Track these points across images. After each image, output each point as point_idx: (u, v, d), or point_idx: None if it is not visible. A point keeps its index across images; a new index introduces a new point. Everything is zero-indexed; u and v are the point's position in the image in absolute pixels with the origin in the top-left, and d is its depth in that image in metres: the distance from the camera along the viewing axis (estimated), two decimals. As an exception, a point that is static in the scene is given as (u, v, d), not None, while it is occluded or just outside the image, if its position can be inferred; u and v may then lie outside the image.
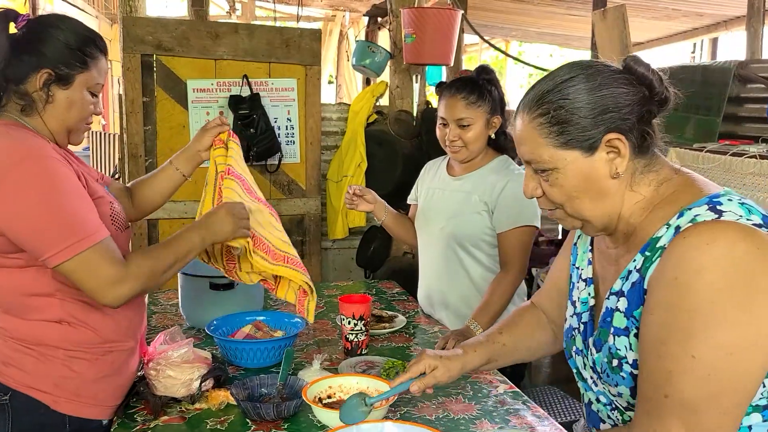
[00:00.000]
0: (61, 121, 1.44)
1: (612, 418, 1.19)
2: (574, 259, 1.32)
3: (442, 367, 1.39)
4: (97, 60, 1.46)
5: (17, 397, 1.41)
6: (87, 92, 1.46)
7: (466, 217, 2.14)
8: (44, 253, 1.32)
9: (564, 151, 1.08)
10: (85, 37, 1.45)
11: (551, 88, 1.09)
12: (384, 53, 4.04)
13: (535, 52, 16.21)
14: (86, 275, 1.34)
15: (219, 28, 3.68)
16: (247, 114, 3.61)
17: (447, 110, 2.11)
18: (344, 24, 9.41)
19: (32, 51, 1.39)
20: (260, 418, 1.47)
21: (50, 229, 1.31)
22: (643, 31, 6.99)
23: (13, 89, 1.40)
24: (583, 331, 1.22)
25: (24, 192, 1.30)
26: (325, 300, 2.47)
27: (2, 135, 1.35)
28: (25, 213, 1.30)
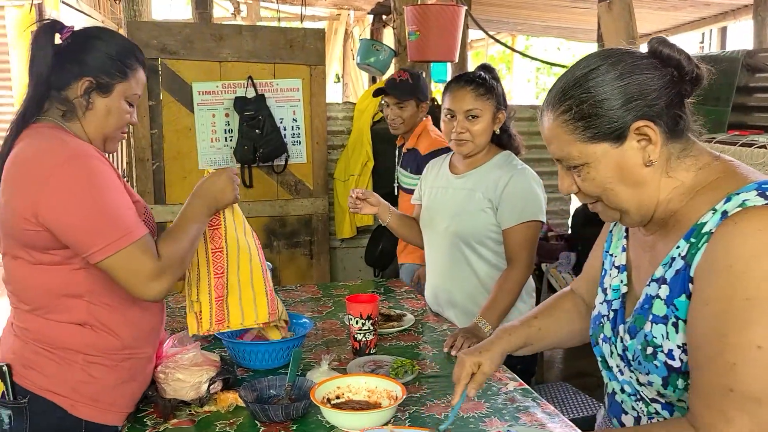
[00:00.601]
0: (99, 127, 1.50)
1: (636, 409, 1.17)
2: (608, 246, 1.30)
3: (487, 360, 1.40)
4: (135, 71, 1.53)
5: (36, 401, 1.43)
6: (124, 101, 1.52)
7: (470, 214, 2.13)
8: (89, 248, 1.36)
9: (592, 145, 1.07)
10: (126, 48, 1.52)
11: (572, 83, 1.08)
12: (388, 51, 4.04)
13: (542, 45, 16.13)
14: (128, 271, 1.38)
15: (223, 30, 3.69)
16: (253, 115, 3.61)
17: (455, 102, 2.09)
18: (349, 23, 9.41)
19: (76, 60, 1.46)
20: (269, 419, 1.47)
21: (96, 226, 1.36)
22: (649, 22, 6.93)
23: (55, 95, 1.47)
24: (613, 318, 1.20)
25: (71, 189, 1.35)
26: (333, 300, 2.47)
27: (47, 136, 1.42)
28: (72, 209, 1.35)
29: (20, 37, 6.75)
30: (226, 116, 3.68)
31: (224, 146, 3.71)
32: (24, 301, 1.47)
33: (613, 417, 1.24)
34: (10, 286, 1.49)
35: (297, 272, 3.92)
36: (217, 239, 1.65)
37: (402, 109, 3.02)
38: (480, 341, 1.92)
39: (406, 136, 3.10)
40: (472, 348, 1.44)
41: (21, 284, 1.47)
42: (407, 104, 3.01)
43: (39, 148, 1.40)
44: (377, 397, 1.54)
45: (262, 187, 3.80)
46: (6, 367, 1.44)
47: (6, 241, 1.45)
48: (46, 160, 1.37)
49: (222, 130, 3.70)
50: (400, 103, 3.00)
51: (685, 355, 1.04)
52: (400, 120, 3.03)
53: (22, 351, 1.46)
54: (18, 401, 1.44)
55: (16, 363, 1.45)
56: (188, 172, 3.67)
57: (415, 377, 1.71)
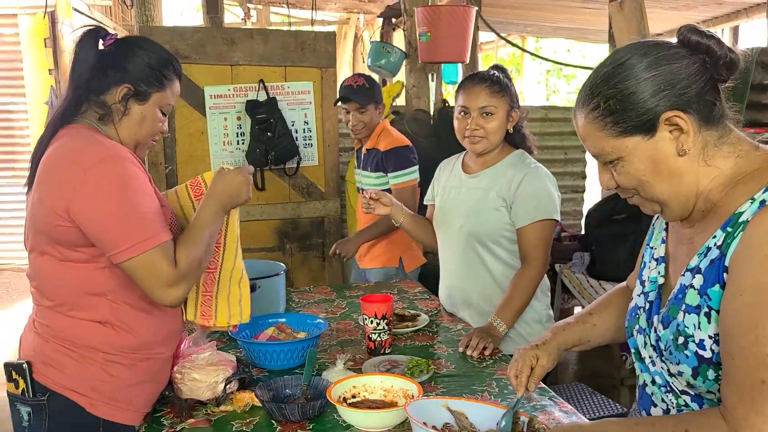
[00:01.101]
0: (133, 133, 1.54)
1: (666, 402, 1.16)
2: (649, 239, 1.30)
3: (545, 354, 1.40)
4: (172, 82, 1.57)
5: (55, 398, 1.45)
6: (158, 110, 1.57)
7: (484, 214, 2.11)
8: (115, 247, 1.39)
9: (623, 139, 1.07)
10: (165, 59, 1.56)
11: (600, 79, 1.09)
12: (399, 53, 4.04)
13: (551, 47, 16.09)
14: (148, 274, 1.41)
15: (234, 35, 3.71)
16: (265, 118, 3.62)
17: (470, 98, 2.09)
18: (359, 26, 9.43)
19: (117, 66, 1.50)
20: (285, 418, 1.47)
21: (123, 226, 1.39)
22: (661, 21, 6.89)
23: (93, 99, 1.51)
24: (648, 310, 1.20)
25: (103, 188, 1.38)
26: (347, 300, 2.47)
27: (84, 136, 1.46)
28: (103, 208, 1.38)
29: (33, 44, 6.81)
30: (237, 119, 3.69)
31: (236, 149, 3.72)
32: (48, 297, 1.49)
33: (643, 410, 1.24)
34: (35, 282, 1.51)
35: (309, 274, 3.92)
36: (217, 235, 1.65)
37: (363, 113, 3.03)
38: (495, 340, 1.92)
39: (365, 140, 3.12)
40: (532, 343, 1.44)
41: (46, 280, 1.48)
42: (367, 108, 3.03)
43: (76, 147, 1.43)
44: (393, 396, 1.53)
45: (274, 190, 3.80)
46: (26, 364, 1.45)
47: (35, 237, 1.47)
48: (83, 159, 1.40)
49: (234, 133, 3.71)
50: (361, 108, 3.02)
51: (716, 346, 1.03)
52: (362, 125, 3.05)
53: (43, 348, 1.48)
54: (37, 398, 1.45)
55: (36, 360, 1.47)
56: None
57: (430, 377, 1.71)
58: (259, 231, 3.80)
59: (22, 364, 1.45)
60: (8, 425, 1.54)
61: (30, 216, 1.47)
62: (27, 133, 6.92)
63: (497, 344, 1.94)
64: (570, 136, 4.71)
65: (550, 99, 17.28)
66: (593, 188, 4.99)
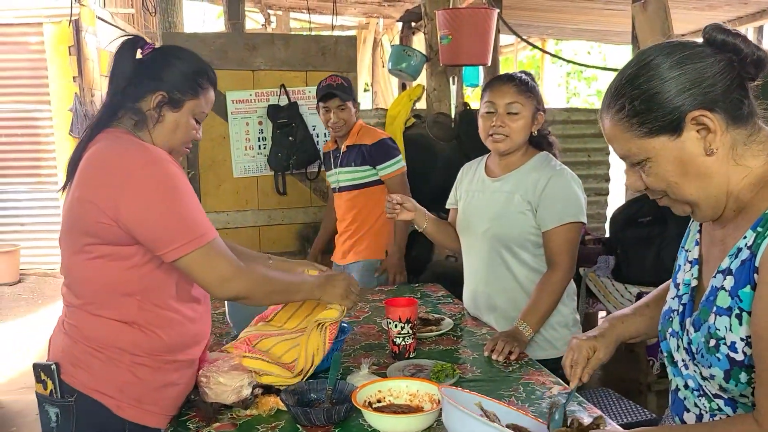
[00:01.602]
0: (166, 140, 1.57)
1: (699, 406, 1.14)
2: (684, 242, 1.28)
3: (602, 346, 1.39)
4: (206, 90, 1.60)
5: (83, 399, 1.46)
6: (192, 118, 1.60)
7: (509, 218, 2.09)
8: (167, 246, 1.42)
9: (650, 140, 1.06)
10: (200, 68, 1.60)
11: (624, 81, 1.08)
12: (420, 56, 4.02)
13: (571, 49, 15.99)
14: (204, 268, 1.46)
15: (256, 40, 3.73)
16: (286, 123, 3.64)
17: (497, 95, 2.06)
18: (378, 31, 9.44)
19: (153, 75, 1.54)
20: (311, 423, 1.46)
21: (174, 225, 1.43)
22: (684, 22, 6.82)
23: (129, 106, 1.54)
24: (681, 313, 1.18)
25: (151, 190, 1.42)
26: (369, 305, 2.46)
27: (125, 140, 1.50)
28: (153, 209, 1.42)
29: (57, 52, 6.92)
30: (259, 124, 3.71)
31: (258, 154, 3.74)
32: (78, 295, 1.51)
33: (675, 415, 1.21)
34: (67, 280, 1.53)
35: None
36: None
37: (343, 110, 3.10)
38: (521, 345, 1.90)
39: (342, 138, 3.18)
40: (589, 333, 1.43)
41: (78, 278, 1.50)
42: (347, 105, 3.11)
43: (119, 150, 1.46)
44: (419, 400, 1.52)
45: (295, 194, 3.81)
46: (55, 365, 1.47)
47: (70, 235, 1.49)
48: (128, 161, 1.43)
49: (256, 138, 3.73)
50: (342, 105, 3.09)
51: (748, 348, 1.01)
52: (343, 122, 3.11)
53: (72, 350, 1.49)
54: (65, 399, 1.47)
55: (64, 361, 1.49)
56: (222, 180, 3.71)
57: (455, 381, 1.69)
58: (281, 235, 3.81)
59: (50, 365, 1.47)
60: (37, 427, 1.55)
61: (67, 215, 1.50)
62: (52, 140, 7.02)
63: (523, 348, 1.91)
64: (593, 138, 4.65)
65: (570, 101, 17.17)
66: (617, 191, 4.94)
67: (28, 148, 7.05)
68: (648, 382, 3.18)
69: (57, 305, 6.13)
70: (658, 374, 3.21)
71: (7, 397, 4.00)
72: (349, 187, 3.21)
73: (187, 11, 5.44)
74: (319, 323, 1.68)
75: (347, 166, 3.18)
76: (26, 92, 6.97)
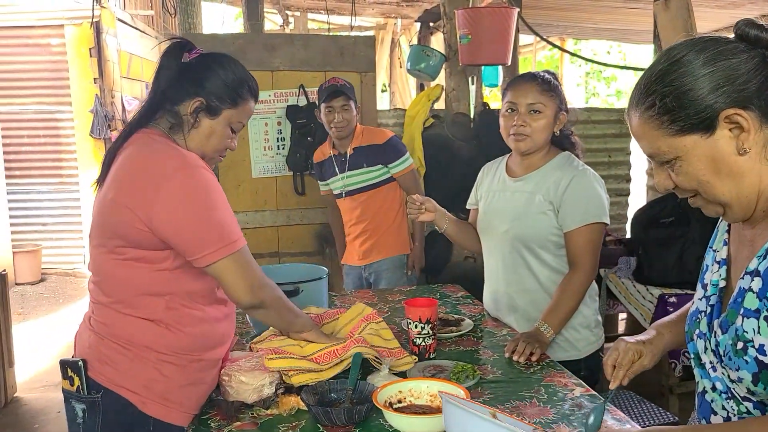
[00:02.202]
0: (200, 146, 1.58)
1: (727, 409, 1.12)
2: (712, 242, 1.25)
3: (649, 353, 1.36)
4: (246, 101, 1.61)
5: (109, 396, 1.48)
6: (228, 127, 1.60)
7: (530, 218, 2.06)
8: (200, 251, 1.44)
9: (681, 138, 1.03)
10: (242, 79, 1.60)
11: (654, 77, 1.05)
12: (439, 56, 4.01)
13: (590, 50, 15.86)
14: (235, 275, 1.48)
15: (275, 40, 3.74)
16: (305, 123, 3.65)
17: (518, 95, 2.04)
18: (396, 31, 9.44)
19: (195, 81, 1.55)
20: (332, 423, 1.46)
21: (206, 232, 1.45)
22: (706, 21, 6.73)
23: (168, 108, 1.55)
24: (709, 314, 1.16)
25: (185, 195, 1.44)
26: (389, 305, 2.45)
27: (161, 143, 1.51)
28: (186, 214, 1.44)
29: (78, 54, 7.00)
30: (278, 125, 3.72)
31: (276, 154, 3.75)
32: (106, 293, 1.52)
33: (702, 418, 1.19)
34: (95, 277, 1.55)
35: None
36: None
37: (347, 111, 3.10)
38: (543, 346, 1.88)
39: (344, 141, 3.17)
40: (636, 337, 1.39)
41: (107, 277, 1.52)
42: (350, 106, 3.11)
43: (154, 154, 1.48)
44: (439, 401, 1.50)
45: (314, 195, 3.81)
46: (82, 362, 1.49)
47: (101, 234, 1.51)
48: (162, 166, 1.45)
49: (274, 138, 3.74)
50: (346, 104, 3.09)
51: None
52: (346, 122, 3.10)
53: (99, 346, 1.51)
54: (92, 396, 1.48)
55: (91, 358, 1.50)
56: (241, 180, 3.72)
57: (476, 382, 1.68)
58: (299, 235, 3.82)
59: (77, 361, 1.49)
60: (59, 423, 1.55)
61: (99, 213, 1.51)
62: (73, 141, 7.09)
63: (544, 350, 1.90)
64: (613, 138, 4.61)
65: (589, 102, 17.04)
66: (638, 191, 4.89)
67: (49, 149, 7.13)
68: (670, 385, 3.14)
69: (78, 304, 6.20)
70: (680, 377, 3.17)
71: (29, 395, 4.05)
72: (360, 189, 3.21)
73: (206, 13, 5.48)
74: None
75: (357, 169, 3.19)
76: (48, 94, 7.06)
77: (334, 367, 1.64)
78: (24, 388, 4.13)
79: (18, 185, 6.99)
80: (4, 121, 6.79)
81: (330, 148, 3.26)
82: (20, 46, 6.95)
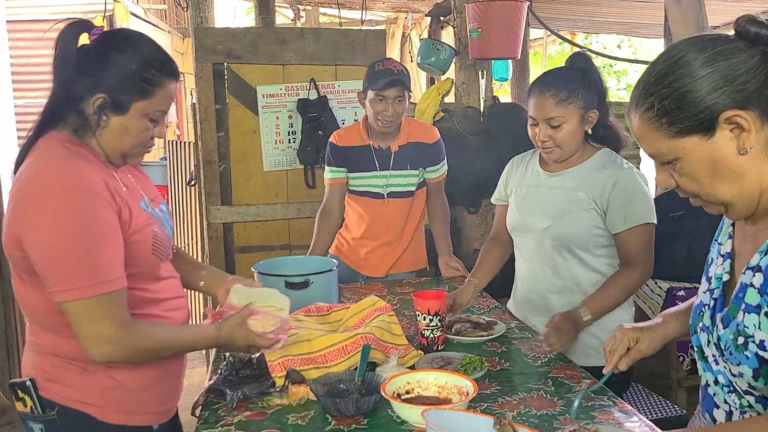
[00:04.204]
0: (115, 145, 1.40)
1: (728, 402, 1.13)
2: (718, 235, 1.26)
3: (646, 339, 1.37)
4: (159, 87, 1.39)
5: (65, 412, 1.41)
6: (145, 119, 1.40)
7: (572, 216, 1.97)
8: (54, 285, 1.29)
9: (681, 140, 1.03)
10: (150, 62, 1.37)
11: (653, 78, 1.05)
12: (449, 50, 4.01)
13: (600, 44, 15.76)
14: (84, 322, 1.30)
15: (286, 34, 3.75)
16: (315, 117, 3.66)
17: (536, 109, 1.95)
18: (406, 26, 9.42)
19: (91, 72, 1.34)
20: (340, 413, 1.48)
21: (68, 264, 1.28)
22: (719, 14, 6.68)
23: (72, 106, 1.36)
24: (712, 307, 1.16)
25: (55, 220, 1.27)
26: (398, 297, 2.47)
27: (53, 156, 1.33)
28: (50, 241, 1.27)
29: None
30: (289, 118, 3.74)
31: (288, 148, 3.77)
32: (28, 315, 1.44)
33: (705, 411, 1.20)
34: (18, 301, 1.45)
35: (359, 272, 3.93)
36: None
37: (401, 103, 2.59)
38: (576, 328, 1.84)
39: (387, 137, 2.70)
40: (637, 324, 1.40)
41: (21, 300, 1.43)
42: (405, 96, 2.59)
43: (39, 170, 1.31)
44: (447, 393, 1.52)
45: (324, 188, 3.83)
46: (29, 381, 1.40)
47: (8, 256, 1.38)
48: (41, 184, 1.29)
49: (285, 132, 3.76)
50: (401, 96, 2.57)
51: None
52: (397, 116, 2.60)
53: (42, 365, 1.42)
54: (47, 415, 1.40)
55: (38, 377, 1.42)
56: (253, 173, 3.75)
57: (483, 374, 1.69)
58: (310, 228, 3.81)
59: (25, 381, 1.40)
60: None
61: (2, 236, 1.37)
62: (86, 134, 7.16)
63: (578, 331, 1.86)
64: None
65: (600, 96, 16.89)
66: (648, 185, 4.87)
67: (63, 142, 7.20)
68: (678, 378, 3.14)
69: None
70: (689, 370, 3.17)
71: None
72: (399, 194, 2.74)
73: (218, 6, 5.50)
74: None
75: (401, 169, 2.71)
76: (61, 87, 7.12)
77: (339, 365, 1.67)
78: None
79: (32, 178, 7.06)
80: (20, 114, 6.85)
81: (365, 135, 2.73)
82: (34, 40, 7.01)
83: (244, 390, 1.57)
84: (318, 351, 1.69)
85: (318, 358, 1.68)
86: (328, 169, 2.84)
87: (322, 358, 1.68)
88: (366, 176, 2.75)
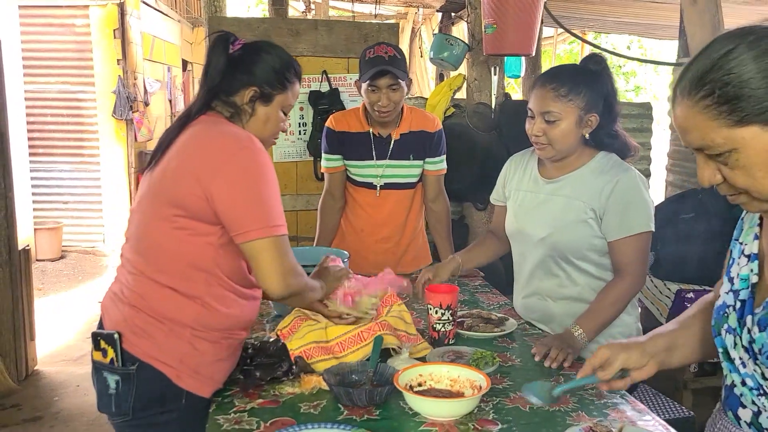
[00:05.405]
0: (258, 132, 1.63)
1: (757, 404, 1.11)
2: (738, 234, 1.22)
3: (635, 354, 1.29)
4: (293, 84, 1.68)
5: (144, 368, 1.51)
6: (281, 111, 1.67)
7: (570, 226, 1.91)
8: (244, 227, 1.48)
9: (740, 129, 0.99)
10: (287, 63, 1.66)
11: (710, 66, 1.00)
12: (462, 45, 4.01)
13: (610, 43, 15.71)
14: (270, 258, 1.50)
15: (299, 26, 3.75)
16: (327, 109, 3.65)
17: (534, 101, 1.89)
18: (416, 21, 9.41)
19: (246, 70, 1.62)
20: (353, 403, 1.48)
21: (255, 209, 1.49)
22: (734, 17, 6.65)
23: (223, 99, 1.62)
24: (739, 309, 1.13)
25: (245, 174, 1.49)
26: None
27: (225, 124, 1.59)
28: (240, 191, 1.48)
29: (103, 35, 7.04)
30: (300, 110, 3.74)
31: (298, 139, 3.77)
32: (150, 262, 1.54)
33: (729, 410, 1.18)
34: (139, 246, 1.56)
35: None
36: None
37: (395, 91, 2.46)
38: (575, 351, 1.77)
39: (388, 126, 2.58)
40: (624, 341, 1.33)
41: (154, 245, 1.54)
42: (400, 85, 2.46)
43: (224, 131, 1.55)
44: (459, 386, 1.52)
45: (333, 181, 3.83)
46: (117, 334, 1.51)
47: (154, 203, 1.54)
48: (231, 142, 1.51)
49: (297, 123, 3.76)
50: (395, 84, 2.44)
51: None
52: (393, 105, 2.47)
53: (134, 319, 1.53)
54: (126, 368, 1.51)
55: (126, 330, 1.52)
56: (263, 164, 3.75)
57: (495, 369, 1.69)
58: (318, 220, 3.84)
59: (112, 334, 1.51)
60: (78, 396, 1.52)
61: (155, 183, 1.55)
62: (95, 121, 7.17)
63: (577, 355, 1.78)
64: (633, 133, 4.58)
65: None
66: (657, 186, 4.86)
67: (72, 128, 7.21)
68: (684, 380, 3.15)
69: (97, 282, 6.29)
70: (695, 373, 3.17)
71: (49, 369, 4.12)
72: (396, 185, 2.64)
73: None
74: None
75: (400, 159, 2.60)
76: (72, 74, 7.12)
77: (355, 353, 1.67)
78: (44, 362, 4.21)
79: (41, 163, 7.08)
80: (29, 99, 6.87)
81: (365, 121, 2.62)
82: (45, 26, 7.02)
83: (255, 373, 1.59)
84: (334, 339, 1.69)
85: (334, 347, 1.69)
86: (324, 156, 2.73)
87: (338, 347, 1.69)
88: (361, 165, 2.64)
